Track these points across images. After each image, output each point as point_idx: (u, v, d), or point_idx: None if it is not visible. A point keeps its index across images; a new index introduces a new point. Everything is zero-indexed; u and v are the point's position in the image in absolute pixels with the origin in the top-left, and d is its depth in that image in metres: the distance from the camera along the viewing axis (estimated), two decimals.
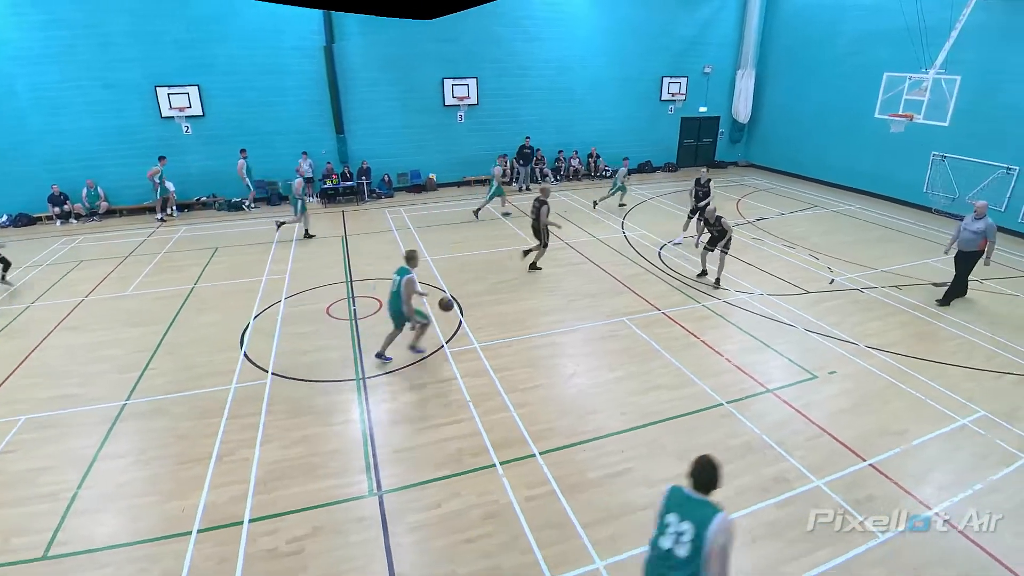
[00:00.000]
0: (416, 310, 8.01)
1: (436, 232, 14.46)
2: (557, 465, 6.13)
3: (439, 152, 19.35)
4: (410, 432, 6.67)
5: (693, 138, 23.62)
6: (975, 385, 7.77)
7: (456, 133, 19.36)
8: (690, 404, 7.25)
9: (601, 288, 10.88)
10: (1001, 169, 14.99)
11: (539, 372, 7.98)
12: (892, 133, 16.07)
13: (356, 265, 12.07)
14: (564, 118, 20.76)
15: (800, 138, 21.32)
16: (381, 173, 18.57)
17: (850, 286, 11.14)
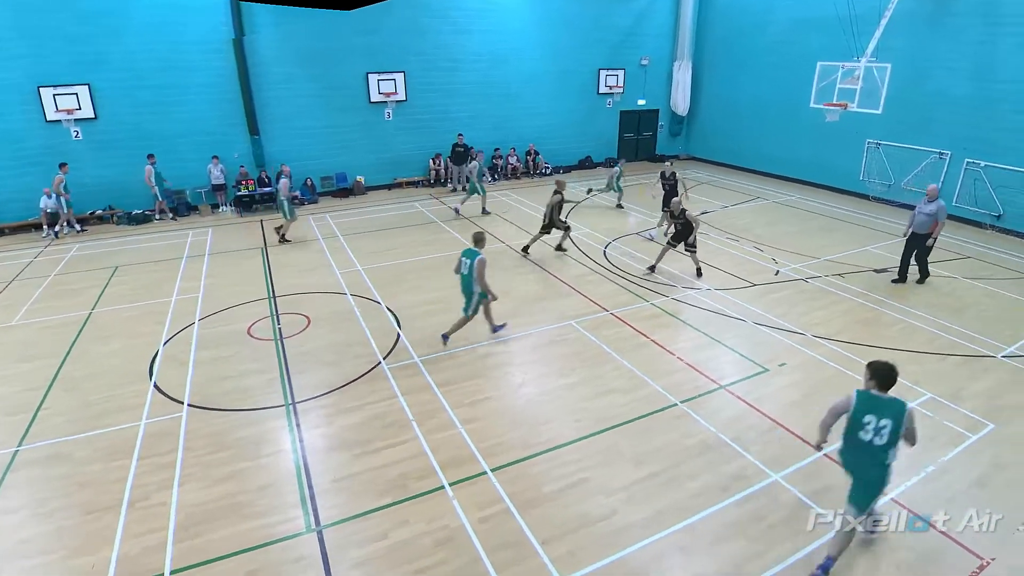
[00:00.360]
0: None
1: (367, 239, 14.24)
2: (511, 481, 6.14)
3: (367, 153, 19.10)
4: (349, 459, 6.52)
5: (633, 132, 24.33)
6: (920, 368, 8.35)
7: (384, 132, 19.16)
8: (644, 406, 7.43)
9: (547, 291, 11.00)
10: (934, 155, 16.21)
11: (486, 384, 7.98)
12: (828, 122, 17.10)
13: (280, 279, 11.72)
14: (500, 114, 20.91)
15: (739, 129, 22.34)
16: (303, 177, 18.12)
17: (795, 276, 11.74)
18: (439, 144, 19.88)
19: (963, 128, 15.46)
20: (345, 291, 11.04)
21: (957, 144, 15.65)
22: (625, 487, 6.07)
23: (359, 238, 14.37)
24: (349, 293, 10.93)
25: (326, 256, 13.03)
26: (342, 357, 8.62)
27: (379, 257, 12.94)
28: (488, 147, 20.97)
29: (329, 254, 13.16)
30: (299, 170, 17.99)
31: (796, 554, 5.25)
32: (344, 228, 15.23)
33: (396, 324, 9.67)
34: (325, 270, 12.15)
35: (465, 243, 13.76)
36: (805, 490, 6.01)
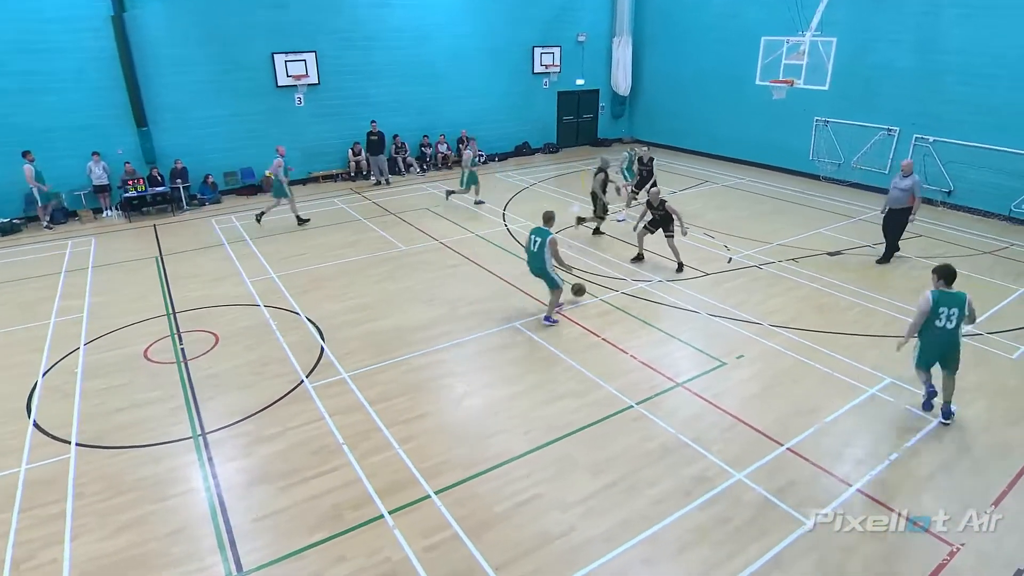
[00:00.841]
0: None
1: (280, 242, 13.88)
2: (457, 503, 6.12)
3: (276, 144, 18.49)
4: (272, 493, 6.33)
5: (573, 115, 24.69)
6: (879, 352, 8.84)
7: (296, 120, 18.72)
8: (599, 411, 7.55)
9: (486, 292, 11.02)
10: (882, 131, 17.20)
11: (424, 398, 7.92)
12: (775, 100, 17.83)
13: (180, 292, 11.26)
14: (426, 97, 20.80)
15: (684, 110, 23.05)
16: (202, 174, 17.45)
17: (748, 263, 12.20)
18: (359, 132, 19.58)
19: (910, 103, 16.49)
20: (257, 302, 10.73)
21: (905, 120, 16.67)
22: (582, 500, 6.15)
23: (271, 241, 13.99)
24: (262, 304, 10.63)
25: (233, 263, 12.61)
26: (258, 378, 8.38)
27: (295, 262, 12.63)
28: (414, 134, 20.82)
29: (237, 261, 12.74)
30: (197, 166, 17.33)
31: (764, 556, 5.44)
32: (253, 230, 14.78)
33: (319, 337, 9.47)
34: (233, 279, 11.77)
35: (393, 242, 13.64)
36: (770, 487, 6.25)
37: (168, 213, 16.41)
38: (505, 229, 14.56)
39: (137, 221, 15.97)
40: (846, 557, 5.44)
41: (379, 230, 14.64)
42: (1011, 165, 14.78)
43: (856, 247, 13.19)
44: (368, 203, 16.96)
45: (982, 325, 9.62)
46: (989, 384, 8.11)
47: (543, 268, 9.61)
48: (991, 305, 10.34)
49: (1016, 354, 8.85)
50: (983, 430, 7.19)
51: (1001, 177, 14.94)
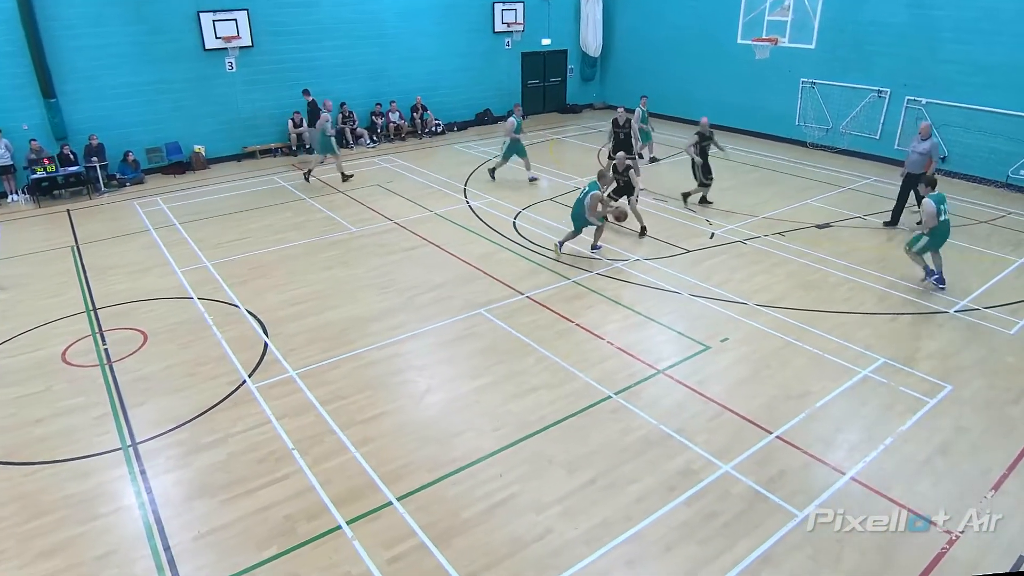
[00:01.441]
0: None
1: (214, 226, 13.65)
2: (422, 510, 6.13)
3: (206, 116, 18.23)
4: (215, 506, 6.27)
5: (539, 78, 24.66)
6: (871, 331, 9.10)
7: (227, 88, 18.33)
8: (574, 403, 7.63)
9: (447, 276, 11.02)
10: (872, 93, 17.57)
11: (382, 395, 7.91)
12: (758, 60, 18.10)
13: (101, 285, 11.00)
14: (375, 60, 20.58)
15: (660, 72, 23.18)
16: (121, 151, 16.99)
17: (732, 238, 12.41)
18: (300, 101, 19.26)
19: (902, 62, 16.85)
20: (190, 295, 10.56)
21: (896, 80, 17.04)
22: (559, 499, 6.22)
23: (203, 225, 13.74)
24: (196, 297, 10.47)
25: (161, 251, 12.36)
26: (194, 379, 8.26)
27: (232, 248, 12.44)
28: (364, 102, 20.56)
29: (165, 248, 12.50)
30: (115, 142, 16.84)
31: (755, 551, 5.59)
32: (182, 213, 14.49)
33: (262, 332, 9.37)
34: (161, 269, 11.55)
35: (343, 223, 13.56)
36: (759, 479, 6.41)
37: (84, 196, 15.97)
38: (467, 207, 14.53)
39: (48, 206, 15.51)
40: (841, 549, 5.62)
41: (326, 210, 14.48)
42: (1009, 128, 15.24)
43: (846, 218, 13.50)
44: (313, 180, 16.74)
45: (979, 300, 9.97)
46: (987, 361, 8.43)
47: (580, 215, 11.34)
48: (988, 278, 10.73)
49: (1014, 329, 9.20)
50: (982, 409, 7.48)
51: (998, 141, 15.41)
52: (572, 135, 21.90)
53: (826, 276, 10.84)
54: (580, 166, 17.77)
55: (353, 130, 20.18)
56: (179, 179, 17.38)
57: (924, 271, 10.47)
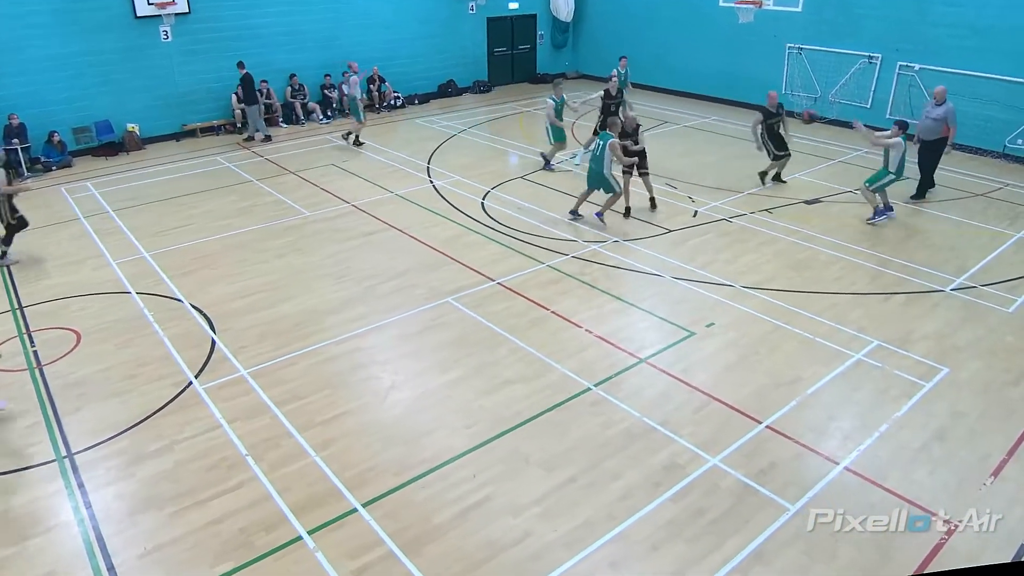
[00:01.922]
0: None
1: (152, 213, 13.43)
2: (390, 516, 6.13)
3: (139, 91, 17.86)
4: (163, 520, 6.20)
5: (506, 46, 24.57)
6: (864, 312, 9.29)
7: (163, 60, 17.97)
8: (551, 396, 7.68)
9: (411, 262, 10.99)
10: (863, 59, 17.80)
11: (343, 394, 7.88)
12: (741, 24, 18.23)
13: (26, 282, 10.78)
14: (327, 28, 20.36)
15: (637, 38, 23.22)
16: (45, 131, 16.59)
17: (716, 216, 12.54)
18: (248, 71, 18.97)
19: (892, 26, 17.11)
20: (128, 289, 10.40)
21: (888, 45, 17.30)
22: (537, 500, 6.27)
23: (140, 212, 13.51)
24: (134, 292, 10.31)
25: (93, 242, 12.14)
26: (134, 382, 8.15)
27: (173, 237, 12.26)
28: (314, 74, 20.31)
29: (98, 239, 12.27)
30: (39, 121, 16.42)
31: (746, 548, 5.70)
32: (116, 200, 14.22)
33: (208, 328, 9.27)
34: (94, 262, 11.35)
35: (295, 207, 13.43)
36: (749, 471, 6.52)
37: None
38: (431, 187, 14.46)
39: None
40: (836, 544, 5.75)
41: (276, 193, 14.31)
42: (1005, 95, 15.56)
43: (837, 193, 13.72)
44: (260, 160, 16.53)
45: (976, 277, 10.22)
46: (984, 341, 8.66)
47: (602, 173, 11.63)
48: (984, 254, 10.99)
49: (1013, 307, 9.46)
50: (980, 392, 7.68)
51: (994, 109, 15.73)
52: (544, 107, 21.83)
53: (816, 255, 11.01)
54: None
55: (304, 104, 19.94)
56: (111, 161, 17.03)
57: (875, 211, 11.82)
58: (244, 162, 16.56)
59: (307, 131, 19.29)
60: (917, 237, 11.70)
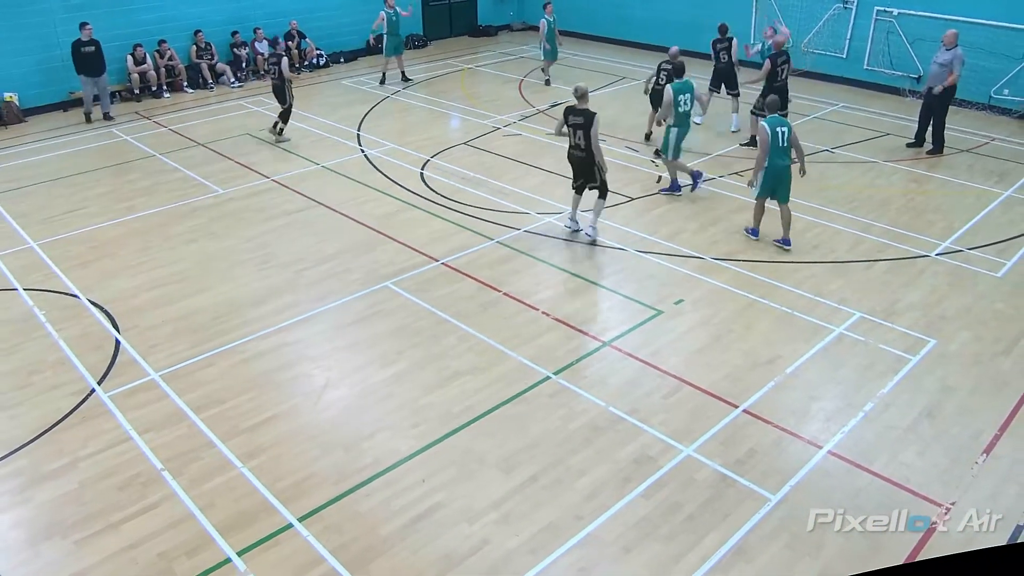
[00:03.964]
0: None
1: (38, 196, 13.06)
2: (331, 530, 6.12)
3: (16, 54, 17.30)
4: (68, 549, 6.09)
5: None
6: (845, 282, 9.54)
7: (43, 16, 17.42)
8: (507, 388, 7.72)
9: (343, 243, 10.91)
10: (837, 4, 18.11)
11: (270, 395, 7.81)
12: None
13: None
14: None
15: None
16: None
17: (682, 182, 12.68)
18: (141, 29, 18.53)
19: None
20: (14, 285, 10.11)
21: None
22: (496, 504, 6.31)
23: (24, 196, 13.11)
24: (21, 288, 10.03)
25: None
26: (27, 393, 7.95)
27: (65, 223, 11.93)
28: (221, 31, 19.88)
29: None
30: None
31: (725, 545, 5.84)
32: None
33: (111, 326, 9.08)
34: None
35: (206, 184, 13.16)
36: (726, 460, 6.67)
37: None
38: (362, 156, 14.32)
39: None
40: (822, 534, 5.94)
41: (184, 169, 14.02)
42: (991, 42, 15.99)
43: (812, 152, 13.97)
44: (163, 131, 16.16)
45: (961, 240, 10.56)
46: (973, 310, 8.98)
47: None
48: (970, 215, 11.37)
49: (1002, 271, 9.82)
50: (970, 365, 7.98)
51: (979, 56, 16.11)
52: (487, 64, 21.82)
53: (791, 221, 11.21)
54: (499, 102, 17.74)
55: (212, 66, 19.51)
56: None
57: (690, 175, 12.09)
58: (144, 134, 16.16)
59: (217, 96, 18.92)
60: (900, 199, 12.02)
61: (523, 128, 15.61)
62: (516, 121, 15.92)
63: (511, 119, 15.95)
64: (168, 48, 18.90)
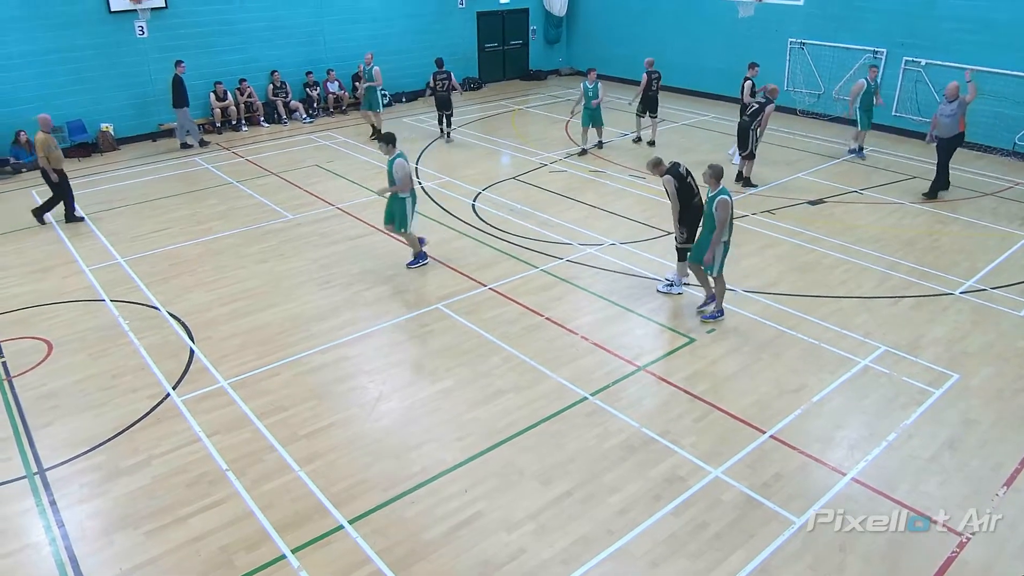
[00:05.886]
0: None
1: (127, 217, 13.40)
2: (379, 533, 6.13)
3: (114, 89, 17.85)
4: (140, 539, 6.18)
5: (497, 41, 24.64)
6: (871, 316, 9.32)
7: (138, 56, 17.96)
8: (546, 406, 7.68)
9: (399, 267, 10.98)
10: (867, 53, 17.90)
11: (328, 405, 7.86)
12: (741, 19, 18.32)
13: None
14: (309, 23, 20.42)
15: (633, 34, 23.32)
16: (12, 131, 16.53)
17: None
18: (224, 69, 18.99)
19: (898, 19, 17.23)
20: (102, 297, 10.36)
21: (892, 40, 17.41)
22: (532, 515, 6.26)
23: (114, 216, 13.47)
24: (108, 299, 10.27)
25: (65, 247, 12.10)
26: (109, 394, 8.12)
27: (148, 242, 12.23)
28: (297, 71, 20.32)
29: (70, 244, 12.23)
30: (7, 120, 16.37)
31: (750, 564, 5.70)
32: (90, 203, 14.18)
33: (187, 337, 9.24)
34: (66, 268, 11.31)
35: (277, 210, 13.40)
36: (752, 483, 6.53)
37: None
38: (419, 188, 14.46)
39: None
40: (844, 557, 5.77)
41: (257, 196, 14.29)
42: (1016, 91, 15.66)
43: (841, 193, 13.78)
44: (240, 161, 16.51)
45: (985, 280, 10.28)
46: (996, 346, 8.70)
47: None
48: (994, 256, 11.05)
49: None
50: (992, 399, 7.72)
51: (1004, 105, 15.83)
52: (537, 105, 21.94)
53: (820, 257, 11.05)
54: (546, 140, 17.81)
55: (286, 103, 19.93)
56: (84, 163, 16.99)
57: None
58: (223, 163, 16.52)
59: (289, 131, 19.28)
60: (925, 239, 11.75)
61: (568, 165, 15.62)
62: (562, 158, 15.94)
63: (557, 156, 15.98)
64: (248, 86, 19.39)
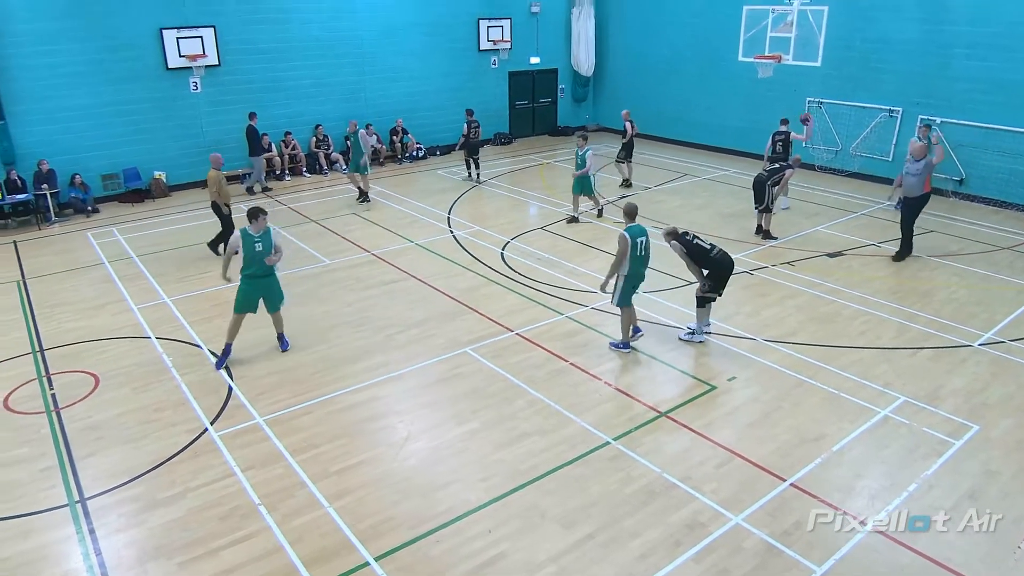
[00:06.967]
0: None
1: (175, 260, 13.60)
2: (404, 570, 6.05)
3: (168, 139, 18.29)
4: (172, 569, 6.16)
5: (527, 99, 24.98)
6: (890, 367, 9.12)
7: (192, 109, 18.44)
8: (570, 450, 7.57)
9: (430, 312, 10.99)
10: (883, 112, 17.87)
11: (359, 443, 7.83)
12: (760, 79, 18.42)
13: (49, 324, 10.91)
14: (351, 81, 20.84)
15: (657, 92, 23.54)
16: (70, 173, 16.93)
17: (737, 269, 12.43)
18: (270, 123, 19.39)
19: (914, 79, 17.21)
20: (148, 334, 10.47)
21: (908, 99, 17.37)
22: (554, 558, 6.13)
23: (163, 259, 13.68)
24: (154, 336, 10.38)
25: (116, 287, 12.28)
26: (150, 428, 8.16)
27: (194, 283, 12.38)
28: (339, 125, 20.66)
29: (120, 283, 12.42)
30: (68, 167, 16.81)
31: None
32: (140, 245, 14.43)
33: (226, 374, 9.28)
34: (116, 306, 11.47)
35: (315, 255, 13.51)
36: (773, 531, 6.34)
37: (32, 226, 15.90)
38: (451, 236, 14.55)
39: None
40: None
41: (297, 241, 14.46)
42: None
43: (859, 246, 13.62)
44: (283, 209, 16.76)
45: (1003, 332, 10.03)
46: (1016, 398, 8.45)
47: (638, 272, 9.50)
48: (1012, 308, 10.80)
49: None
50: (1013, 450, 7.47)
51: (1019, 162, 15.68)
52: (564, 159, 22.07)
53: (840, 308, 10.88)
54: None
55: (328, 155, 20.29)
56: (137, 208, 17.34)
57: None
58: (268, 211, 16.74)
59: (330, 181, 19.59)
60: (943, 291, 11.54)
61: (592, 217, 15.65)
62: (587, 211, 15.97)
63: (584, 208, 16.01)
64: (292, 139, 19.79)
